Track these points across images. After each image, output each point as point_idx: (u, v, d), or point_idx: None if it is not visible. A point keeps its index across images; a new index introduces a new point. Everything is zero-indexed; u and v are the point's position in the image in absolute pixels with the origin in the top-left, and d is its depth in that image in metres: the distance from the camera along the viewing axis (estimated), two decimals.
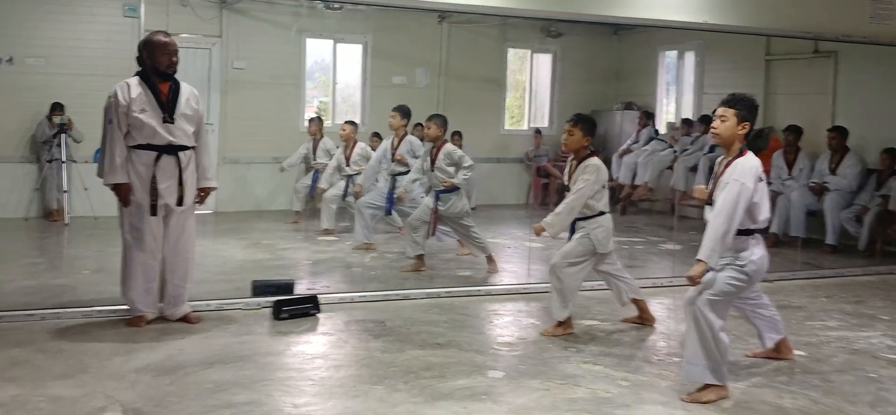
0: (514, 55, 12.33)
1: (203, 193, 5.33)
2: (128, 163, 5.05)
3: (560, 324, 5.31)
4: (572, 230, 5.36)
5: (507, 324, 5.65)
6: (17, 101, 9.53)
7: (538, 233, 5.38)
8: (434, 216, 7.07)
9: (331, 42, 10.85)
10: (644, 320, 5.64)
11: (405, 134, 7.82)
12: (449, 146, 7.12)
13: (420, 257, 7.15)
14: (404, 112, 7.72)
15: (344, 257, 7.84)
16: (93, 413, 3.69)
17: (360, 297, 6.09)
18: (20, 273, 6.70)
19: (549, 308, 5.49)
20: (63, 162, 9.15)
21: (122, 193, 5.07)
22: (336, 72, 11.04)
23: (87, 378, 4.16)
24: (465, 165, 7.01)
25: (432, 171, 7.06)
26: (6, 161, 9.49)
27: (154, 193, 5.07)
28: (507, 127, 12.24)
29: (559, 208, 5.30)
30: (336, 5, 9.66)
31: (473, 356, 4.79)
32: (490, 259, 7.25)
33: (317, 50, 11.03)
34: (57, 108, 9.29)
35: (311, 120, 9.88)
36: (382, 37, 10.90)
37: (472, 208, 7.28)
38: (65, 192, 9.18)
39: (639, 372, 4.62)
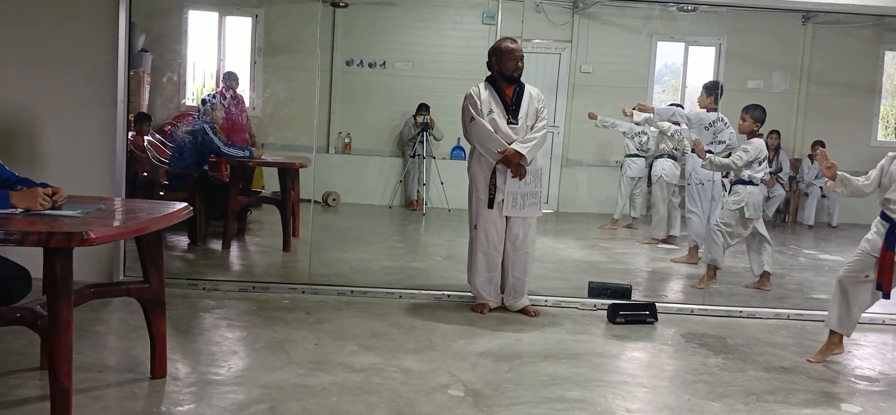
0: (891, 58, 10.98)
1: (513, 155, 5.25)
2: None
3: None
4: None
5: (868, 356, 5.04)
6: (387, 101, 10.64)
7: None
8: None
9: (682, 45, 10.55)
10: None
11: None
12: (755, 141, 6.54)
13: (765, 275, 6.67)
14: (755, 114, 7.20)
15: (683, 267, 7.57)
16: (438, 388, 3.96)
17: (699, 310, 5.83)
18: (383, 255, 7.46)
19: None
20: (424, 158, 10.03)
21: (509, 156, 5.24)
22: (686, 75, 10.71)
23: (434, 355, 4.48)
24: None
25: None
26: (377, 155, 10.64)
27: (492, 187, 5.32)
28: (879, 138, 10.94)
29: None
30: (690, 7, 9.36)
31: (825, 386, 4.34)
32: None
33: (667, 53, 10.80)
34: (422, 108, 10.16)
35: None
36: (738, 39, 10.34)
37: (834, 226, 6.59)
38: (424, 184, 10.05)
39: None
